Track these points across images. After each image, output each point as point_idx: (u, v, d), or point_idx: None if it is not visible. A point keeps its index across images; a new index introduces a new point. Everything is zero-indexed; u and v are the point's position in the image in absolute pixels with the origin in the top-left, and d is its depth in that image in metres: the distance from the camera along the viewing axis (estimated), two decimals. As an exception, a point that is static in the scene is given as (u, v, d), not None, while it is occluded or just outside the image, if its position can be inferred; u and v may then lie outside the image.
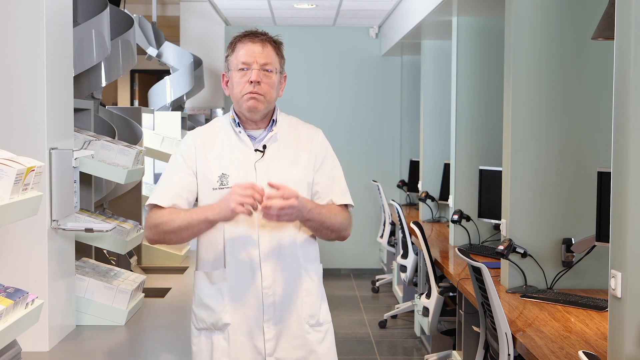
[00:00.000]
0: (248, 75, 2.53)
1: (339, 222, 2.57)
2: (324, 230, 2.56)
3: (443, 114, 7.26)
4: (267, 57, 2.55)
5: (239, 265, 2.55)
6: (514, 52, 4.01)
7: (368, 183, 9.24)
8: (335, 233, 2.59)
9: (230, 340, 2.55)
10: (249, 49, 2.55)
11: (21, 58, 2.82)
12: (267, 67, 2.55)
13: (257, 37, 2.57)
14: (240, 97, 2.55)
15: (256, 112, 2.56)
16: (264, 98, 2.54)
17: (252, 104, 2.53)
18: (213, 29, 8.88)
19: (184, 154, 2.59)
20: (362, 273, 9.46)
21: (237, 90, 2.56)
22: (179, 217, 2.48)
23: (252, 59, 2.54)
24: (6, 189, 1.95)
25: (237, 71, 2.55)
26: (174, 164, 2.60)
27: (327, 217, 2.54)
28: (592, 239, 3.77)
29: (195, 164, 2.58)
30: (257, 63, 2.53)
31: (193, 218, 2.46)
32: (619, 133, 2.40)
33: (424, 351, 6.15)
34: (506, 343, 3.18)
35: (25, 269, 2.83)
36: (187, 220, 2.46)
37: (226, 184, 2.53)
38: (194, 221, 2.45)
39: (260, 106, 2.55)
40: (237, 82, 2.55)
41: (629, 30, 2.33)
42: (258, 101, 2.53)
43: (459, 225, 5.57)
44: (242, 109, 2.57)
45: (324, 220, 2.53)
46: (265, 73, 2.55)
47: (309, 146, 2.63)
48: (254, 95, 2.52)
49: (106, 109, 4.33)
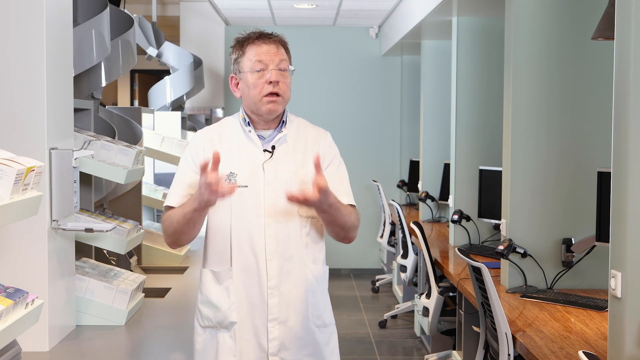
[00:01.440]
0: (266, 75, 2.54)
1: (351, 221, 2.59)
2: (336, 226, 2.56)
3: (443, 114, 7.26)
4: (282, 55, 2.57)
5: (245, 264, 2.56)
6: (514, 52, 4.01)
7: (368, 183, 9.24)
8: (344, 232, 2.60)
9: (237, 339, 2.56)
10: (264, 50, 2.56)
11: (21, 58, 2.81)
12: (282, 66, 2.56)
13: (270, 38, 2.59)
14: (259, 100, 2.55)
15: (274, 113, 2.58)
16: (282, 99, 2.57)
17: (272, 107, 2.55)
18: (213, 29, 8.88)
19: (193, 154, 2.61)
20: (362, 273, 9.46)
21: (256, 92, 2.55)
22: (177, 214, 2.52)
23: (268, 58, 2.55)
24: (6, 189, 1.95)
25: (253, 72, 2.55)
26: (184, 166, 2.63)
27: (343, 215, 2.54)
28: (592, 239, 3.77)
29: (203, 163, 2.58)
30: (274, 63, 2.55)
31: (185, 210, 2.49)
32: (619, 133, 2.40)
33: (424, 351, 6.15)
34: (506, 343, 3.18)
35: (25, 269, 2.82)
36: (181, 214, 2.50)
37: (234, 183, 2.54)
38: (187, 213, 2.49)
39: (279, 108, 2.57)
40: (254, 83, 2.55)
41: (629, 30, 2.33)
42: (277, 103, 2.56)
43: (459, 225, 5.57)
44: (261, 111, 2.57)
45: (340, 217, 2.54)
46: (282, 73, 2.56)
47: (317, 148, 2.64)
48: (273, 97, 2.54)
49: (106, 109, 4.33)
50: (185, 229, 2.52)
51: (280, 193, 2.52)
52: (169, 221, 2.55)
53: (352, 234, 2.63)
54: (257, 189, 2.55)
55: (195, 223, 2.52)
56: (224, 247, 2.58)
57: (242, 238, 2.56)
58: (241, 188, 2.53)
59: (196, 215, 2.48)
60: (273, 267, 2.55)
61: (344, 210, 2.55)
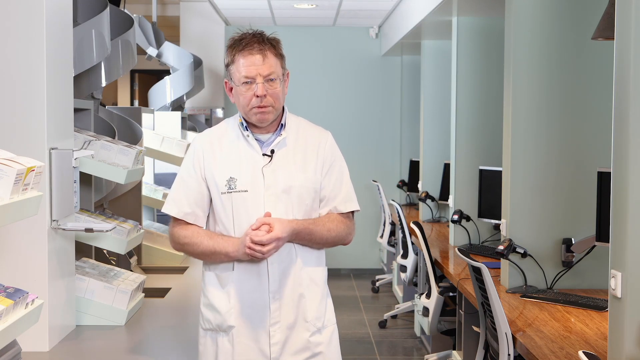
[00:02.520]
0: (253, 89, 2.52)
1: (334, 234, 2.61)
2: (317, 244, 2.62)
3: (443, 114, 7.26)
4: (269, 67, 2.53)
5: (247, 268, 2.56)
6: (514, 52, 4.00)
7: (368, 183, 9.24)
8: (328, 245, 2.64)
9: (234, 343, 2.56)
10: (249, 62, 2.52)
11: (21, 58, 2.81)
12: (270, 77, 2.54)
13: (254, 48, 2.53)
14: (248, 110, 2.56)
15: (265, 122, 2.58)
16: (273, 108, 2.56)
17: (260, 117, 2.56)
18: (213, 29, 8.88)
19: (194, 160, 2.61)
20: (362, 273, 9.46)
21: (244, 103, 2.55)
22: (203, 244, 2.56)
23: (254, 72, 2.52)
24: (6, 189, 1.95)
25: (241, 85, 2.54)
26: (185, 171, 2.63)
27: (320, 233, 2.58)
28: (592, 239, 3.77)
29: (204, 169, 2.59)
30: (261, 76, 2.52)
31: (216, 249, 2.54)
32: (619, 133, 2.40)
33: (424, 351, 6.15)
34: (506, 343, 3.18)
35: (25, 269, 2.82)
36: (210, 249, 2.55)
37: (234, 188, 2.54)
38: (217, 251, 2.54)
39: (269, 117, 2.57)
40: (243, 94, 2.55)
41: (629, 30, 2.33)
42: (265, 112, 2.55)
43: (459, 225, 5.57)
44: (252, 120, 2.58)
45: (314, 238, 2.58)
46: (270, 83, 2.54)
47: (317, 150, 2.63)
48: (262, 109, 2.54)
49: (106, 109, 4.32)
50: (208, 259, 2.60)
51: (280, 197, 2.53)
52: (189, 242, 2.57)
53: (343, 242, 2.66)
54: (257, 193, 2.54)
55: (221, 261, 2.58)
56: None
57: None
58: (241, 193, 2.54)
59: (226, 258, 2.54)
60: (274, 271, 2.55)
61: (321, 227, 2.58)
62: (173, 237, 2.63)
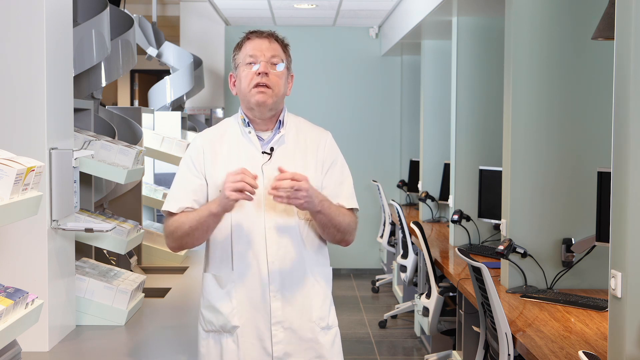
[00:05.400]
0: (255, 67, 2.54)
1: (346, 223, 2.58)
2: (332, 228, 2.56)
3: (443, 114, 7.26)
4: (274, 50, 2.57)
5: (246, 268, 2.55)
6: (514, 52, 4.01)
7: (368, 183, 9.24)
8: (341, 234, 2.59)
9: (240, 343, 2.55)
10: (256, 44, 2.56)
11: (21, 58, 2.81)
12: (274, 59, 2.56)
13: (263, 33, 2.59)
14: (248, 91, 2.54)
15: (264, 106, 2.55)
16: (272, 91, 2.54)
17: (260, 98, 2.53)
18: (213, 29, 8.89)
19: (193, 158, 2.60)
20: (362, 273, 9.46)
21: (245, 84, 2.55)
22: (189, 218, 2.52)
23: (259, 52, 2.55)
24: (6, 189, 1.95)
25: (245, 65, 2.55)
26: (184, 169, 2.62)
27: (337, 215, 2.54)
28: (592, 239, 3.77)
29: (204, 167, 2.58)
30: (265, 56, 2.54)
31: (200, 215, 2.49)
32: (619, 133, 2.40)
33: (424, 351, 6.15)
34: (506, 343, 3.18)
35: (25, 269, 2.82)
36: (195, 219, 2.50)
37: None
38: (202, 218, 2.49)
39: (268, 100, 2.54)
40: (245, 75, 2.55)
41: (629, 30, 2.33)
42: (266, 94, 2.53)
43: (459, 225, 5.57)
44: (251, 104, 2.56)
45: (333, 217, 2.53)
46: (273, 66, 2.55)
47: (317, 150, 2.62)
48: (262, 89, 2.52)
49: (106, 109, 4.32)
50: (198, 233, 2.52)
51: None
52: (177, 225, 2.53)
53: (349, 237, 2.62)
54: (256, 191, 2.54)
55: (209, 228, 2.52)
56: (225, 251, 2.57)
57: (243, 241, 2.55)
58: None
59: (212, 220, 2.49)
60: (275, 270, 2.54)
61: (336, 210, 2.54)
62: (165, 230, 2.60)
